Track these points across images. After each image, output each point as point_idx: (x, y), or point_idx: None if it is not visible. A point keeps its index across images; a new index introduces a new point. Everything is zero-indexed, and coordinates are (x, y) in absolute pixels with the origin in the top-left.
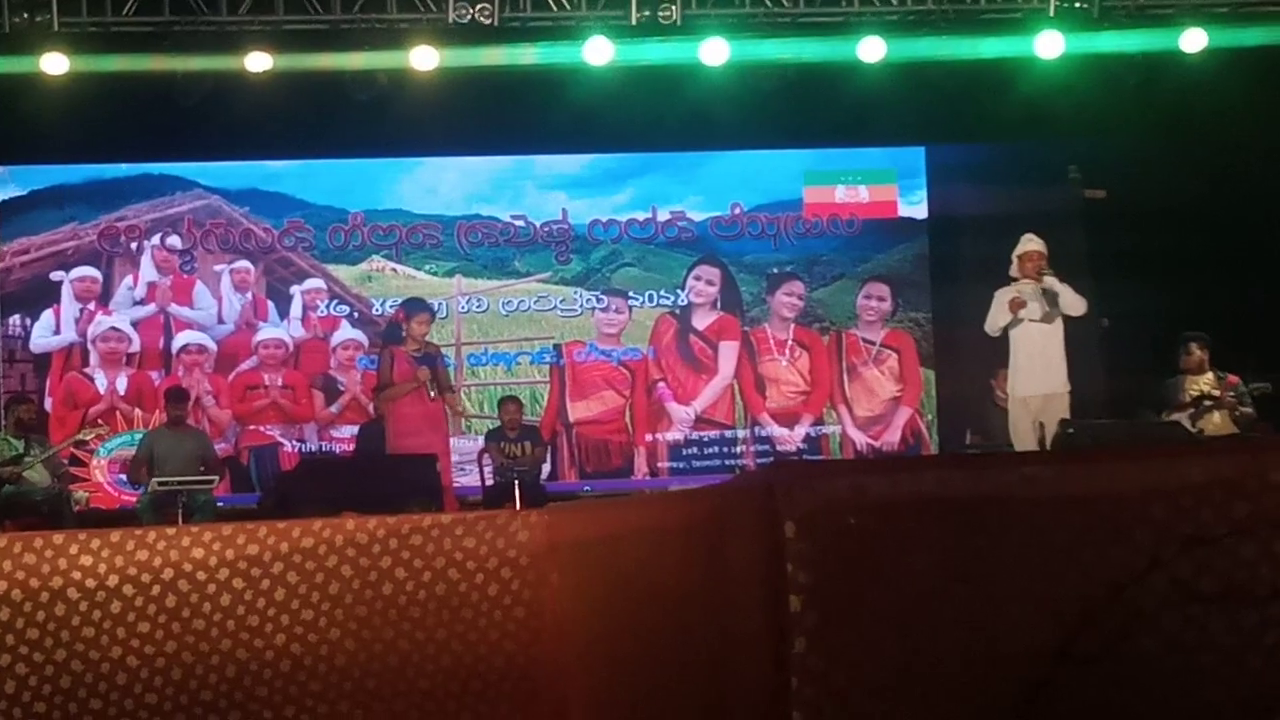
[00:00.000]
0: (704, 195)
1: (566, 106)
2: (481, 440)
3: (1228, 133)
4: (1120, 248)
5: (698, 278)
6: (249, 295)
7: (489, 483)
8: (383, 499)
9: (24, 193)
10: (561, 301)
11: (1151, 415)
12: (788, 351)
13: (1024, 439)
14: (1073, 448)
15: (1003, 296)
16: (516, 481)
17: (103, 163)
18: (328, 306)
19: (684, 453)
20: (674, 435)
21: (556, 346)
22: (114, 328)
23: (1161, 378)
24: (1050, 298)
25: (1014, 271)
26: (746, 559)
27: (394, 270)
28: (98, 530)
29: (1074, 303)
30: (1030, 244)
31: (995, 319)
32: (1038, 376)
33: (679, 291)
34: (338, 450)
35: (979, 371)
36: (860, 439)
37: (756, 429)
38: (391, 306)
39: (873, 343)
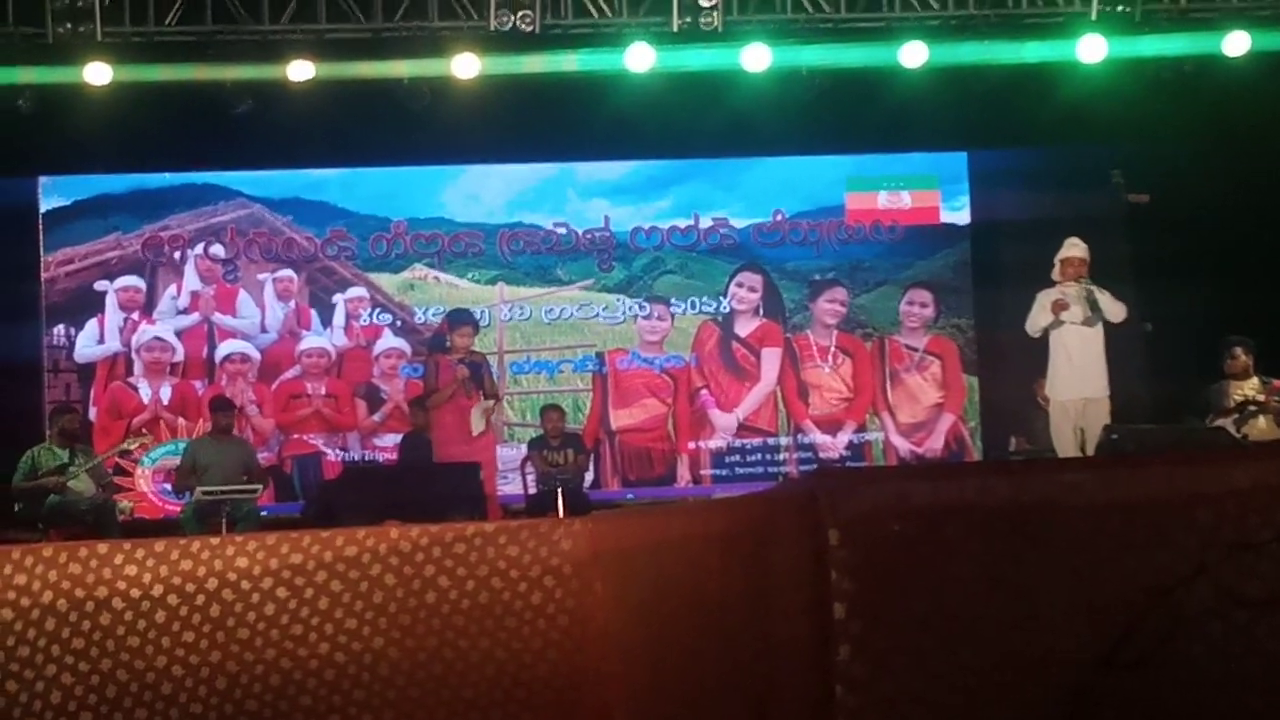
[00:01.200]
0: (746, 202)
1: (608, 113)
2: (524, 448)
3: (1271, 136)
4: (1163, 252)
5: (740, 284)
6: (292, 304)
7: (532, 491)
8: (426, 507)
9: (68, 203)
10: (604, 309)
11: (1196, 420)
12: (830, 358)
13: (1065, 443)
14: (1116, 453)
15: (1045, 298)
16: (559, 490)
17: (146, 172)
18: (370, 315)
19: (726, 460)
20: (716, 443)
21: (599, 354)
22: (158, 337)
23: (1206, 382)
24: (1092, 302)
25: (1056, 275)
26: (790, 566)
27: (436, 279)
28: (142, 540)
29: (1114, 309)
30: (1074, 249)
31: (1036, 319)
32: (1077, 380)
33: (721, 298)
34: (380, 459)
35: (1022, 377)
36: (903, 445)
37: (799, 436)
38: (435, 315)
39: (915, 349)
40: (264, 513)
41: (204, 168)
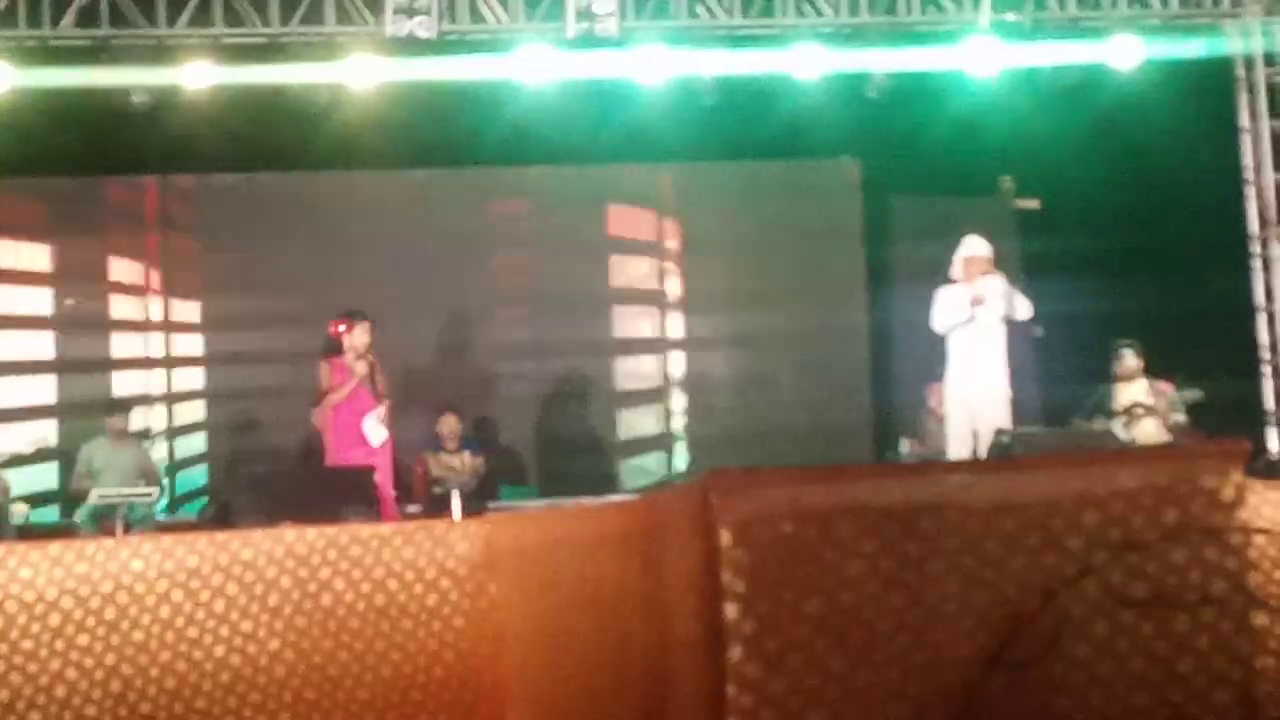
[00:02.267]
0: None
1: (504, 119)
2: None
3: (1159, 143)
4: (1053, 257)
5: None
6: None
7: (428, 494)
8: (321, 510)
9: None
10: None
11: (1085, 423)
12: None
13: (960, 444)
14: (1006, 455)
15: (948, 296)
16: (455, 492)
17: (41, 176)
18: None
19: None
20: None
21: None
22: None
23: (1095, 386)
24: (995, 302)
25: (957, 274)
26: (683, 567)
27: None
28: (36, 543)
29: (1021, 304)
30: (977, 247)
31: (946, 317)
32: (976, 381)
33: None
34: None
35: (916, 380)
36: None
37: None
38: None
39: None
40: (161, 516)
41: (100, 173)
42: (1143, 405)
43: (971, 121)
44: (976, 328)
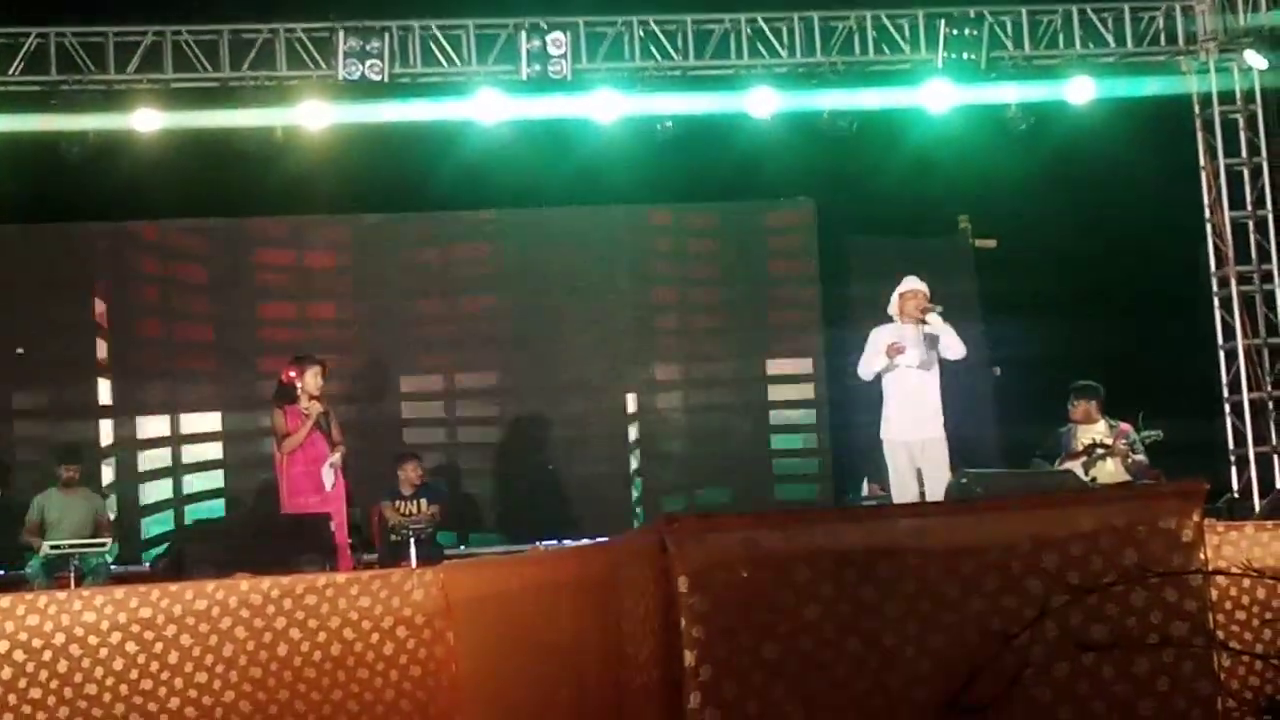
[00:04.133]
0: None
1: (458, 162)
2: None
3: (1116, 181)
4: (1011, 296)
5: None
6: None
7: (384, 542)
8: (276, 559)
9: None
10: None
11: (1044, 464)
12: None
13: (904, 485)
14: (964, 497)
15: (878, 338)
16: (412, 540)
17: None
18: None
19: None
20: None
21: None
22: None
23: (1054, 425)
24: (930, 341)
25: (893, 310)
26: (640, 614)
27: None
28: None
29: (954, 345)
30: (912, 283)
31: (870, 363)
32: (913, 421)
33: None
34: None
35: (873, 420)
36: None
37: None
38: None
39: None
40: (114, 567)
41: (48, 219)
42: (1103, 445)
43: (928, 161)
44: (907, 369)
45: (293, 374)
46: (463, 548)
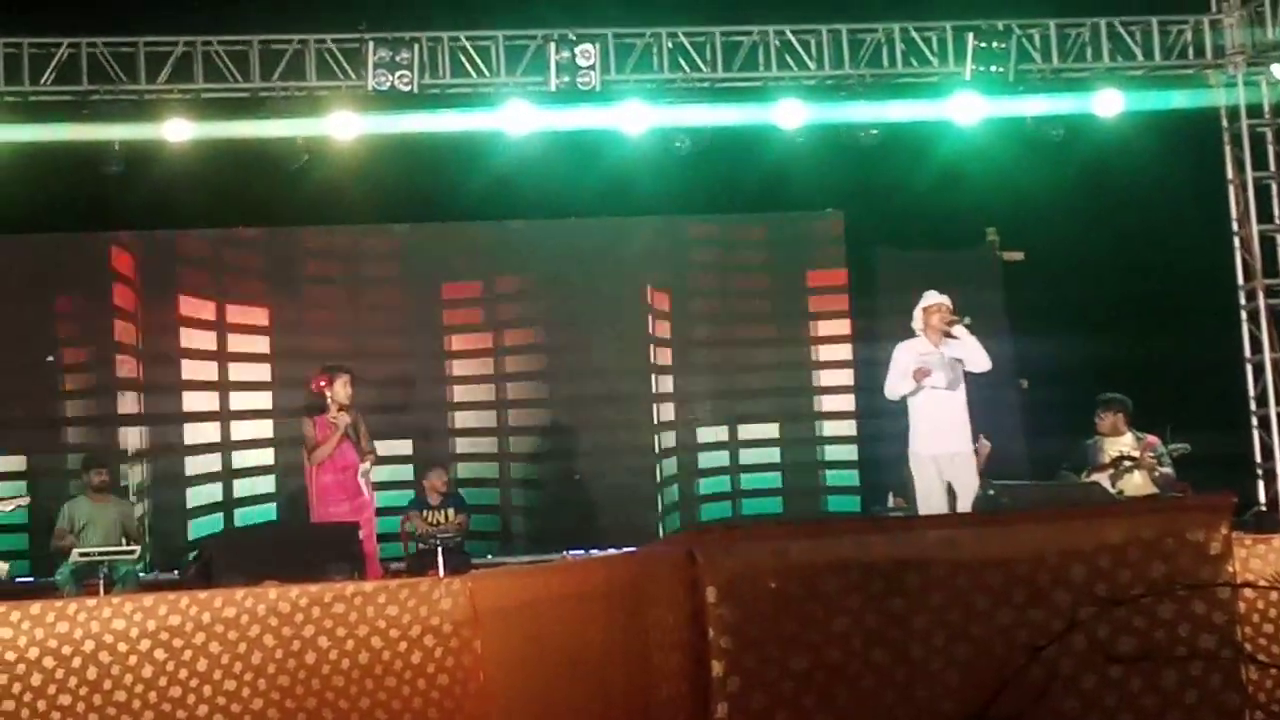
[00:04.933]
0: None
1: (486, 173)
2: (405, 508)
3: (1143, 193)
4: (1039, 308)
5: None
6: None
7: (412, 550)
8: (305, 568)
9: None
10: None
11: (1072, 476)
12: None
13: (931, 499)
14: (992, 509)
15: (902, 355)
16: (439, 549)
17: (20, 232)
18: None
19: None
20: None
21: None
22: None
23: (1082, 438)
24: (956, 364)
25: (917, 325)
26: (668, 624)
27: None
28: (18, 602)
29: (979, 358)
30: (935, 297)
31: (896, 386)
32: (940, 435)
33: None
34: None
35: (901, 434)
36: None
37: None
38: None
39: None
40: (143, 574)
41: (80, 228)
42: (1130, 458)
43: (956, 174)
44: (934, 389)
45: (322, 383)
46: (489, 556)
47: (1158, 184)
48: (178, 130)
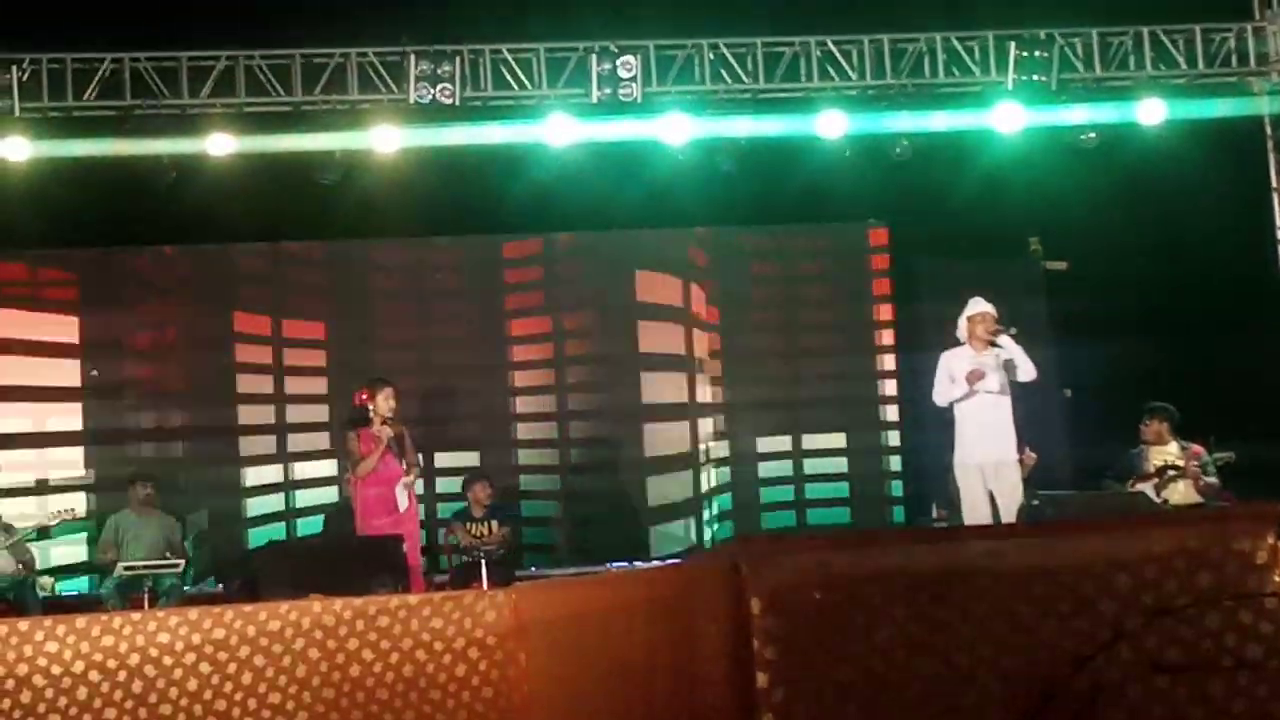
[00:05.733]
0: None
1: (528, 185)
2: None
3: (1186, 202)
4: (1082, 318)
5: None
6: None
7: (455, 563)
8: (349, 581)
9: None
10: None
11: (1116, 486)
12: None
13: (976, 509)
14: (1037, 519)
15: (949, 363)
16: (483, 561)
17: (65, 247)
18: None
19: None
20: None
21: None
22: None
23: (1126, 448)
24: (1008, 366)
25: (961, 334)
26: (713, 635)
27: None
28: (63, 616)
29: (1026, 367)
30: (980, 305)
31: (948, 391)
32: (986, 444)
33: None
34: None
35: (944, 443)
36: None
37: None
38: None
39: None
40: (187, 588)
41: (124, 243)
42: (1175, 467)
43: (998, 183)
44: (985, 394)
45: (364, 396)
46: (534, 569)
47: (1201, 192)
48: (220, 145)
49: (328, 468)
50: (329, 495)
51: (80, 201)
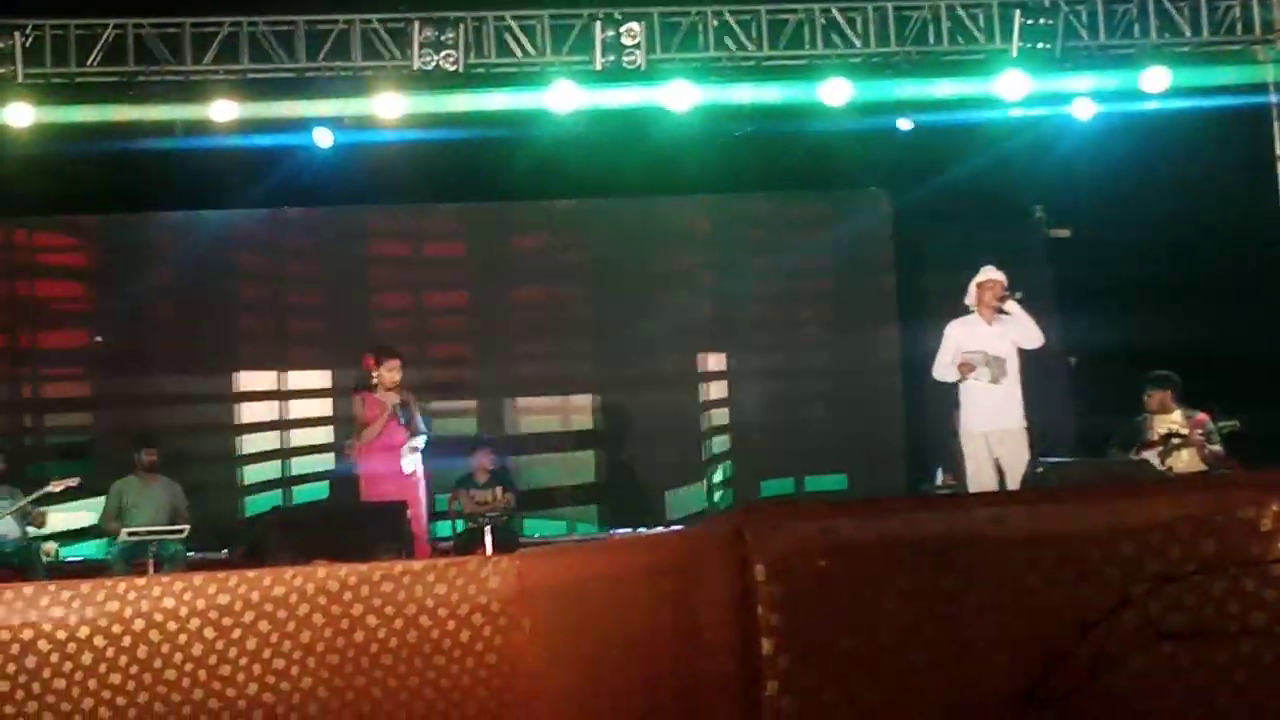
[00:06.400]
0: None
1: (532, 152)
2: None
3: (1191, 170)
4: (1086, 285)
5: None
6: None
7: (460, 529)
8: (353, 547)
9: None
10: None
11: (1120, 454)
12: None
13: (982, 477)
14: (1041, 487)
15: (953, 333)
16: (487, 527)
17: (69, 213)
18: None
19: None
20: None
21: None
22: None
23: (1130, 415)
24: (997, 363)
25: (970, 300)
26: (717, 602)
27: None
28: (68, 581)
29: (1032, 334)
30: (989, 273)
31: (945, 372)
32: (991, 412)
33: None
34: None
35: (947, 410)
36: None
37: None
38: None
39: None
40: (191, 553)
41: (127, 209)
42: (1179, 435)
43: (1002, 151)
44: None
45: (370, 363)
46: (537, 535)
47: (1205, 160)
48: (223, 111)
49: (324, 435)
50: (326, 463)
51: (83, 168)
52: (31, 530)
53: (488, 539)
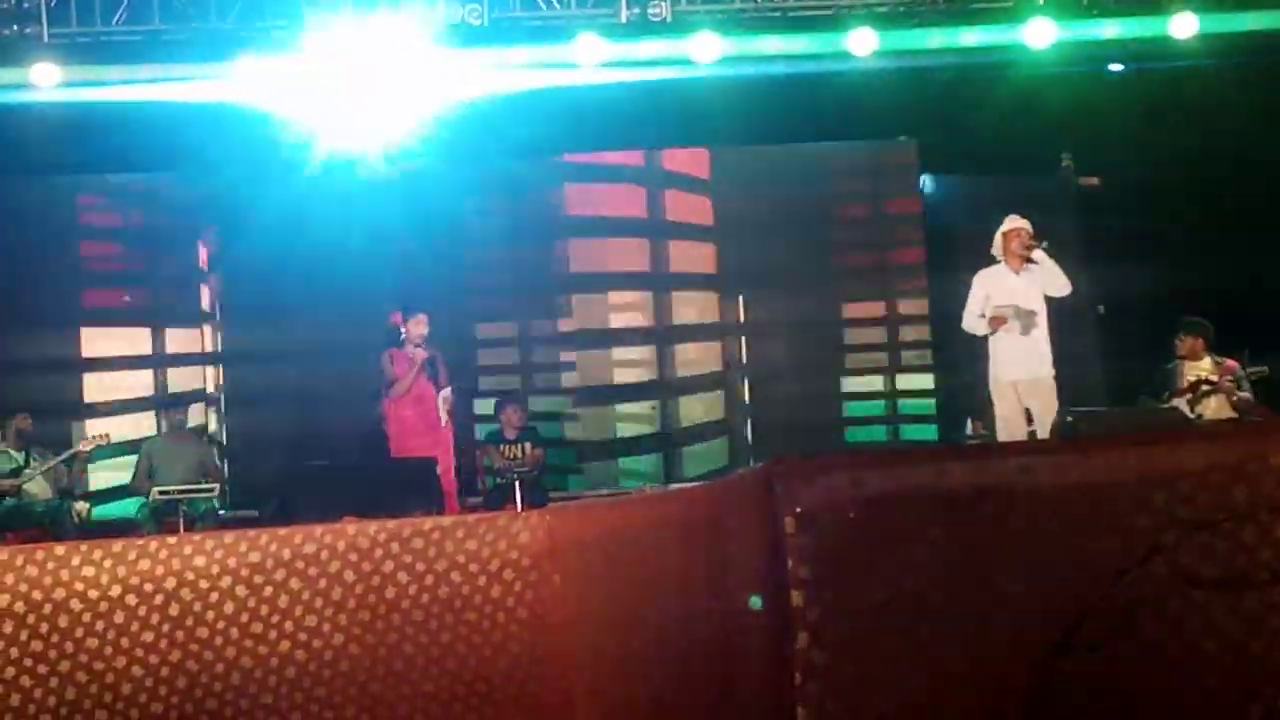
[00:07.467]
0: None
1: (558, 106)
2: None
3: (1220, 117)
4: (1115, 235)
5: None
6: None
7: (489, 484)
8: (383, 503)
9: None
10: None
11: (1150, 402)
12: None
13: (1012, 425)
14: (1071, 436)
15: (983, 281)
16: (517, 483)
17: (98, 173)
18: None
19: None
20: None
21: None
22: None
23: (1159, 363)
24: (1028, 316)
25: (996, 250)
26: (747, 555)
27: None
28: (99, 541)
29: (1059, 282)
30: (1016, 221)
31: (974, 325)
32: (1021, 361)
33: None
34: None
35: (977, 360)
36: None
37: None
38: None
39: None
40: (221, 512)
41: (154, 169)
42: (1209, 382)
43: (1030, 100)
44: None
45: (398, 319)
46: (566, 490)
47: (1234, 106)
48: (247, 69)
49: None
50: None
51: (109, 126)
52: (73, 489)
53: (517, 495)
